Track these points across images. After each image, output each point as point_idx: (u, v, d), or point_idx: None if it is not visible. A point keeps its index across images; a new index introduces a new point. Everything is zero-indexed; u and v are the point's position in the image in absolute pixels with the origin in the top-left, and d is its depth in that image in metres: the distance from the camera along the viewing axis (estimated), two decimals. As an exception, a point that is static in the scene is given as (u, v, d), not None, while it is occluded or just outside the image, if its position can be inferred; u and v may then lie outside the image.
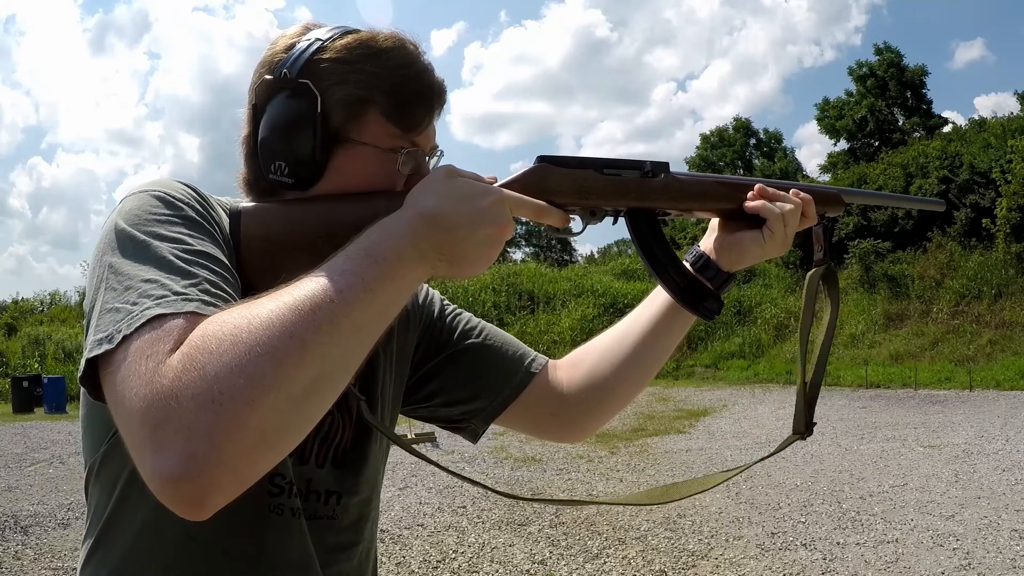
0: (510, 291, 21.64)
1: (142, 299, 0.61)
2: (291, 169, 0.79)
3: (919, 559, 4.37)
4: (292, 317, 0.58)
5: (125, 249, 0.66)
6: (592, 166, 0.85)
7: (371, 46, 0.80)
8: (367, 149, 0.79)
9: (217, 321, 0.58)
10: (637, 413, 11.58)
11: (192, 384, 0.54)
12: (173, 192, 0.72)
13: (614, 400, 1.02)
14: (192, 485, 0.53)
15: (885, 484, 6.26)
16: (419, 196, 0.70)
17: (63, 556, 4.76)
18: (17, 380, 15.19)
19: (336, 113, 0.78)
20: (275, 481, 0.82)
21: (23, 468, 7.93)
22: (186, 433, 0.53)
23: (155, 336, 0.58)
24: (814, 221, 0.94)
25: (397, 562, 4.62)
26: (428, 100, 0.82)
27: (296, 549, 0.84)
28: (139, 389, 0.55)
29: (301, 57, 0.78)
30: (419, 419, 1.07)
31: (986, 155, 18.85)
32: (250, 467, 0.56)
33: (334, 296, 0.60)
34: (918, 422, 9.65)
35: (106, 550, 0.80)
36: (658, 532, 5.13)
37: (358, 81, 0.78)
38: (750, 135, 34.65)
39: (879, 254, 18.87)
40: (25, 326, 24.30)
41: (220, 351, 0.55)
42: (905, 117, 28.96)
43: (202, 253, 0.67)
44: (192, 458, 0.53)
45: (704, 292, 0.90)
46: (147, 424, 0.54)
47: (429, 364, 1.00)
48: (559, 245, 38.03)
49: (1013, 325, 15.57)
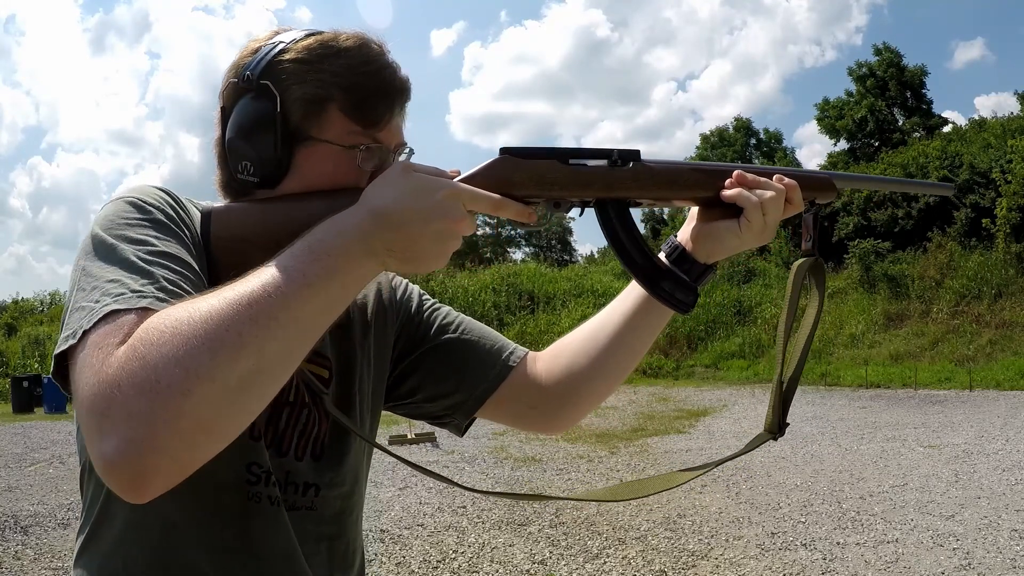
0: (510, 291, 21.62)
1: (104, 297, 0.64)
2: (256, 169, 0.81)
3: (919, 559, 4.37)
4: (230, 311, 0.60)
5: (97, 253, 0.70)
6: (556, 156, 0.82)
7: (331, 46, 0.82)
8: (328, 146, 0.81)
9: (163, 315, 0.61)
10: (637, 413, 11.58)
11: (133, 373, 0.57)
12: (145, 197, 0.76)
13: (593, 393, 1.01)
14: (131, 469, 0.56)
15: (885, 484, 6.25)
16: (373, 192, 0.70)
17: (63, 556, 4.75)
18: (17, 380, 15.19)
19: (295, 112, 0.80)
20: (252, 470, 0.83)
21: (23, 468, 7.93)
22: (126, 419, 0.56)
23: (108, 330, 0.61)
24: (800, 208, 0.89)
25: (397, 562, 4.61)
26: (388, 96, 0.83)
27: (280, 540, 0.85)
28: (89, 378, 0.59)
29: (263, 59, 0.81)
30: (406, 416, 1.08)
31: (986, 155, 18.85)
32: (188, 453, 0.59)
33: (272, 291, 0.62)
34: (918, 422, 9.64)
35: (98, 542, 0.83)
36: (658, 532, 5.13)
37: (316, 80, 0.80)
38: (750, 135, 34.65)
39: (879, 254, 18.86)
40: (25, 326, 24.33)
41: (160, 342, 0.58)
42: (905, 117, 28.94)
43: (164, 254, 0.70)
44: (131, 443, 0.56)
45: (678, 284, 0.86)
46: (94, 411, 0.57)
47: (408, 360, 1.02)
48: (559, 245, 38.00)
49: (1013, 325, 15.56)
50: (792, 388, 0.90)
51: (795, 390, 0.90)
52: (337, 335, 0.94)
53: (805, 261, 0.90)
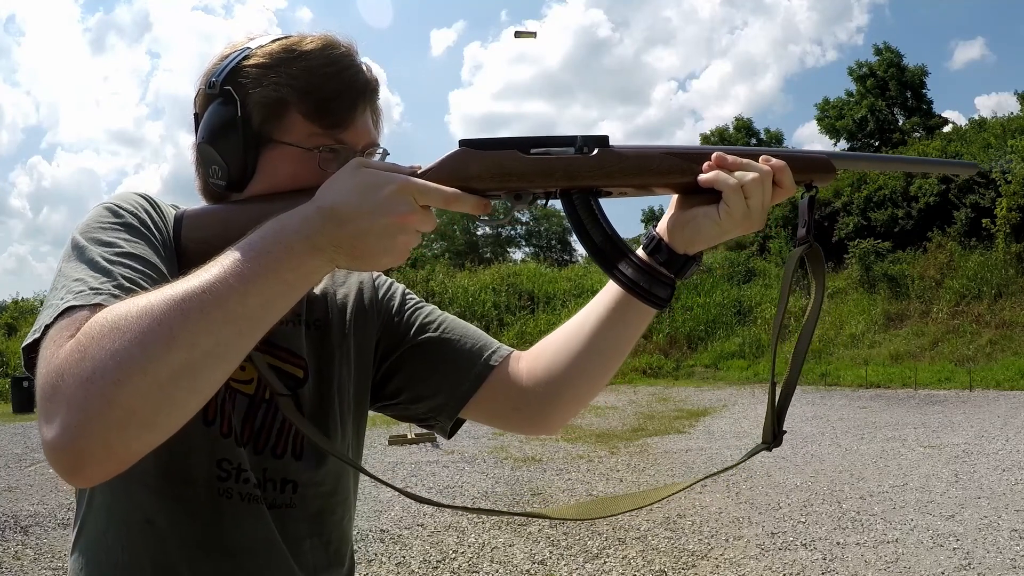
0: (510, 291, 21.60)
1: (67, 295, 0.68)
2: (223, 172, 0.84)
3: (919, 559, 4.37)
4: (163, 306, 0.62)
5: (71, 255, 0.74)
6: (516, 146, 0.78)
7: (293, 49, 0.84)
8: (290, 149, 0.83)
9: (109, 310, 0.64)
10: (637, 413, 11.58)
11: (74, 364, 0.61)
12: (122, 203, 0.80)
13: (576, 394, 0.96)
14: (67, 454, 0.60)
15: (885, 484, 6.25)
16: (323, 190, 0.71)
17: (63, 556, 4.75)
18: (17, 380, 15.17)
19: (256, 115, 0.83)
20: (222, 466, 0.85)
21: (23, 468, 7.93)
22: (65, 407, 0.59)
23: (63, 324, 0.65)
24: (791, 192, 0.81)
25: (397, 562, 4.61)
26: (349, 97, 0.84)
27: (259, 535, 0.86)
28: (41, 369, 0.63)
29: (228, 65, 0.84)
30: (396, 418, 1.08)
31: (986, 155, 18.82)
32: (121, 442, 0.61)
33: (207, 287, 0.64)
34: (918, 422, 9.64)
35: (87, 536, 0.87)
36: (658, 532, 5.13)
37: (274, 83, 0.82)
38: (751, 135, 34.63)
39: (879, 254, 18.84)
40: (25, 326, 24.30)
41: (100, 336, 0.61)
42: (905, 117, 28.93)
43: (129, 254, 0.74)
44: (67, 429, 0.59)
45: (653, 278, 0.80)
46: (42, 398, 0.61)
47: (390, 360, 1.01)
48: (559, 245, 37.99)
49: (1013, 325, 15.55)
50: (788, 393, 0.84)
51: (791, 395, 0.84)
52: (313, 335, 0.94)
53: (799, 249, 0.82)
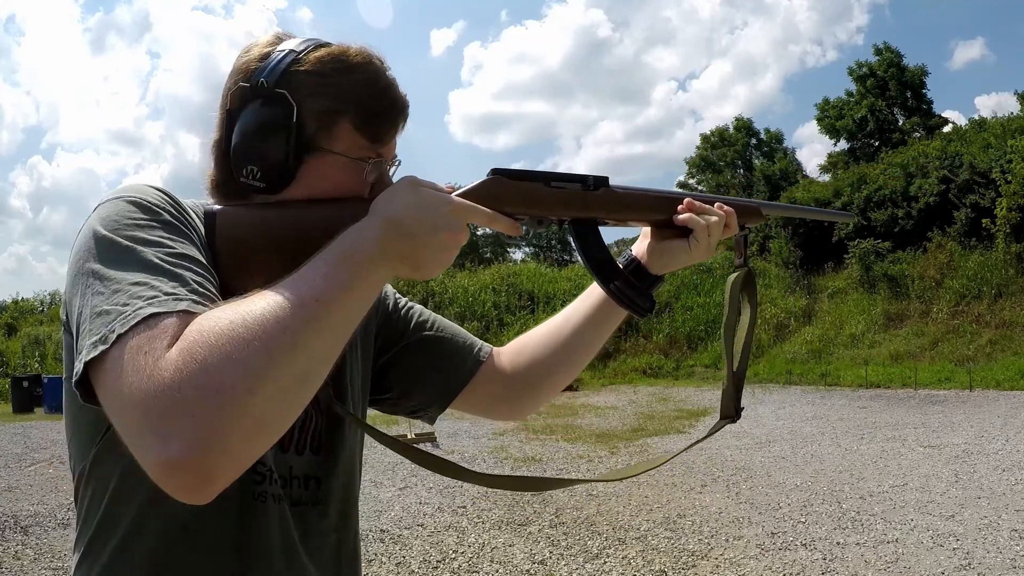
0: (510, 291, 21.60)
1: (133, 300, 0.64)
2: (263, 174, 0.83)
3: (919, 559, 4.37)
4: (282, 314, 0.63)
5: (107, 255, 0.69)
6: (541, 179, 0.92)
7: (343, 60, 0.85)
8: (337, 158, 0.85)
9: (212, 317, 0.62)
10: (637, 413, 11.59)
11: (194, 376, 0.58)
12: (148, 197, 0.76)
13: (553, 383, 1.13)
14: (195, 470, 0.57)
15: (885, 484, 6.26)
16: (385, 204, 0.75)
17: (63, 556, 4.76)
18: (17, 380, 15.19)
19: (310, 123, 0.83)
20: (258, 469, 0.85)
21: (23, 468, 7.93)
22: (191, 421, 0.57)
23: (151, 334, 0.61)
24: (735, 231, 1.04)
25: (397, 562, 4.61)
26: (394, 115, 0.88)
27: (278, 536, 0.86)
28: (140, 383, 0.58)
29: (278, 67, 0.83)
30: (383, 412, 1.13)
31: (986, 155, 18.81)
32: (247, 452, 0.61)
33: (318, 296, 0.66)
34: (918, 422, 9.65)
35: (99, 550, 0.82)
36: (658, 532, 5.13)
37: (332, 94, 0.84)
38: (751, 135, 34.64)
39: (879, 254, 18.83)
40: (25, 326, 24.32)
41: (219, 345, 0.59)
42: (905, 117, 28.95)
43: (185, 256, 0.72)
44: (196, 443, 0.57)
45: (638, 293, 0.99)
46: (150, 414, 0.57)
47: (386, 356, 1.08)
48: (559, 245, 38.02)
49: (1013, 325, 15.55)
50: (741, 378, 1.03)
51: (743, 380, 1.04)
52: None
53: (739, 274, 1.03)
